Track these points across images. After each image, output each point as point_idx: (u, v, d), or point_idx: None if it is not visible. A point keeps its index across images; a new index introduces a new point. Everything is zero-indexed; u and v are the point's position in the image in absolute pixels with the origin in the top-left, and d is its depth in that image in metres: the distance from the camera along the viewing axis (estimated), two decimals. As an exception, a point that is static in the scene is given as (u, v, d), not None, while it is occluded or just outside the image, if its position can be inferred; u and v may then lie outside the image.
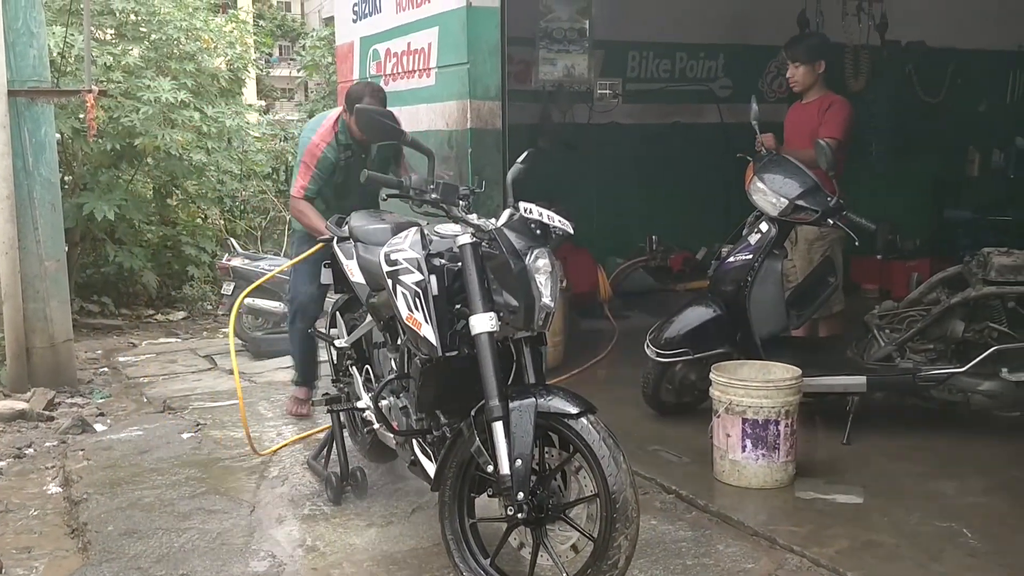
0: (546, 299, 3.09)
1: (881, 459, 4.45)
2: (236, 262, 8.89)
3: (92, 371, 7.97)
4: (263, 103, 15.55)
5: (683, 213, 8.10)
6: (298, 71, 14.60)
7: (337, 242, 4.15)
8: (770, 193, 4.56)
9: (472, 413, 3.14)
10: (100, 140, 9.36)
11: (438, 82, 5.73)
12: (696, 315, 4.75)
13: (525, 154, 3.53)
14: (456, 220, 3.22)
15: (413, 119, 5.95)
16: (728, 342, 4.70)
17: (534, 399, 3.01)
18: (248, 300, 8.74)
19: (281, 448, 4.85)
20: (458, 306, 3.28)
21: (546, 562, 3.10)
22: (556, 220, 3.18)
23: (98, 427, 6.08)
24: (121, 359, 8.69)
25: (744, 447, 4.02)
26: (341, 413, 4.31)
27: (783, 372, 4.16)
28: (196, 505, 4.20)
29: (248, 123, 11.40)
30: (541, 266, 3.09)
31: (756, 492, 4.06)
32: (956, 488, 4.19)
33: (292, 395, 5.35)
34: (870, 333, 4.75)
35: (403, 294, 3.28)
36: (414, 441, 3.55)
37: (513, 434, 2.99)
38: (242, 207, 12.70)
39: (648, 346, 4.78)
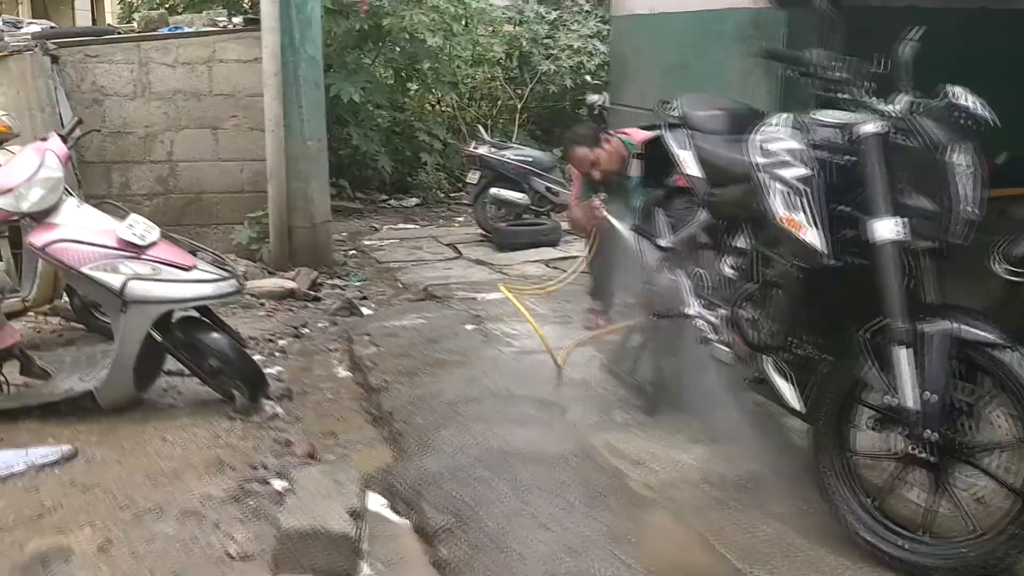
0: (968, 204, 2.60)
1: None
2: (483, 150, 8.69)
3: (342, 253, 8.02)
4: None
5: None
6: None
7: (668, 128, 3.75)
8: None
9: (864, 333, 2.72)
10: (349, 19, 9.28)
11: (745, -46, 5.15)
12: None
13: (917, 30, 2.97)
14: (859, 105, 2.75)
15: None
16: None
17: (950, 323, 2.56)
18: (493, 190, 8.58)
19: (575, 347, 4.57)
20: (842, 206, 2.83)
21: (944, 510, 2.68)
22: (987, 109, 2.66)
23: (364, 311, 6.06)
24: (366, 243, 8.75)
25: None
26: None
27: None
28: (502, 404, 4.00)
29: (491, 4, 11.05)
30: (965, 164, 2.60)
31: None
32: None
33: (589, 309, 5.09)
34: None
35: (780, 191, 2.85)
36: (768, 358, 3.16)
37: (927, 363, 2.55)
38: (471, 94, 12.49)
39: (996, 261, 4.17)
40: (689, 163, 3.56)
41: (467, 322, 5.16)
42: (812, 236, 2.77)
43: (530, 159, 8.75)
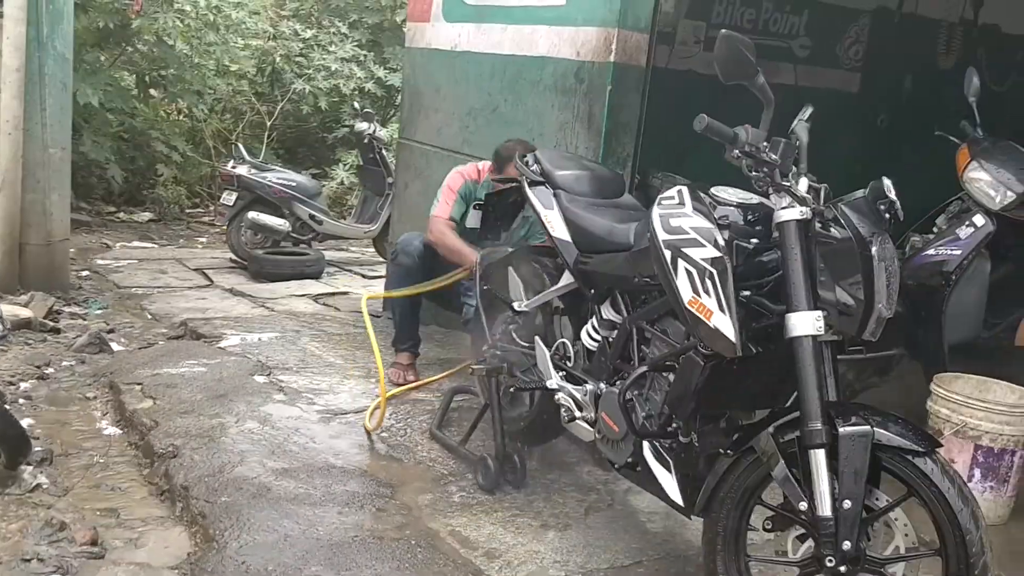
0: (885, 301, 2.50)
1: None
2: (242, 170, 8.03)
3: (75, 273, 7.12)
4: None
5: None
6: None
7: (529, 185, 3.46)
8: (993, 183, 4.03)
9: (771, 430, 2.56)
10: (91, 13, 8.36)
11: (570, 3, 4.99)
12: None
13: (810, 110, 2.87)
14: (780, 189, 2.59)
15: (524, 41, 5.22)
16: (903, 343, 4.20)
17: (869, 427, 2.44)
18: (251, 214, 8.00)
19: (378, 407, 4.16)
20: (745, 293, 2.66)
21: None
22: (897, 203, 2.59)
23: (115, 346, 5.33)
24: (100, 262, 7.89)
25: (972, 477, 3.53)
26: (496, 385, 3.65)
27: (1010, 393, 3.68)
28: (321, 478, 3.51)
29: (250, 16, 10.40)
30: (887, 257, 2.50)
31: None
32: None
33: (394, 363, 4.61)
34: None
35: (687, 272, 2.64)
36: (646, 444, 2.93)
37: (843, 468, 2.42)
38: (214, 105, 11.65)
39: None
40: (557, 225, 3.30)
41: (254, 372, 4.58)
42: (722, 323, 2.57)
43: (294, 183, 8.21)
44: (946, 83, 6.94)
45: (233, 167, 8.11)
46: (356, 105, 9.16)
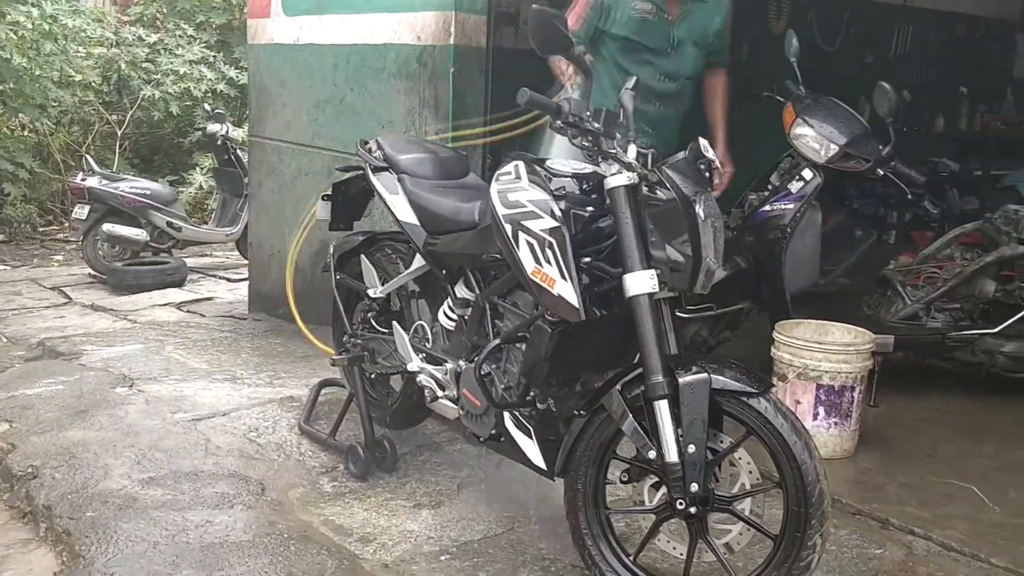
0: (712, 255, 2.64)
1: (920, 424, 4.28)
2: (93, 182, 7.81)
3: (-83, 304, 6.82)
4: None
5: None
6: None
7: (373, 171, 3.49)
8: (817, 138, 4.24)
9: (619, 387, 2.67)
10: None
11: (407, -12, 5.02)
12: (718, 268, 4.39)
13: (635, 80, 2.99)
14: (607, 157, 2.69)
15: (365, 30, 5.23)
16: (749, 297, 4.40)
17: (706, 374, 2.57)
18: (107, 227, 7.80)
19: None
20: (586, 259, 2.77)
21: (706, 559, 2.69)
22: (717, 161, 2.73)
23: (-36, 371, 5.13)
24: (-53, 288, 7.52)
25: (816, 415, 3.74)
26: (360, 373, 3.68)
27: (846, 333, 3.90)
28: (189, 483, 3.48)
29: (89, 24, 10.05)
30: (711, 215, 2.63)
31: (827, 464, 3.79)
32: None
33: None
34: (890, 290, 4.57)
35: (528, 243, 2.73)
36: (507, 415, 3.01)
37: (685, 416, 2.54)
38: (60, 118, 11.24)
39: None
40: (402, 209, 3.34)
41: (116, 384, 4.49)
42: (565, 290, 2.67)
43: (148, 191, 8.02)
44: (781, 47, 7.22)
45: (83, 179, 7.88)
46: (207, 107, 8.95)
